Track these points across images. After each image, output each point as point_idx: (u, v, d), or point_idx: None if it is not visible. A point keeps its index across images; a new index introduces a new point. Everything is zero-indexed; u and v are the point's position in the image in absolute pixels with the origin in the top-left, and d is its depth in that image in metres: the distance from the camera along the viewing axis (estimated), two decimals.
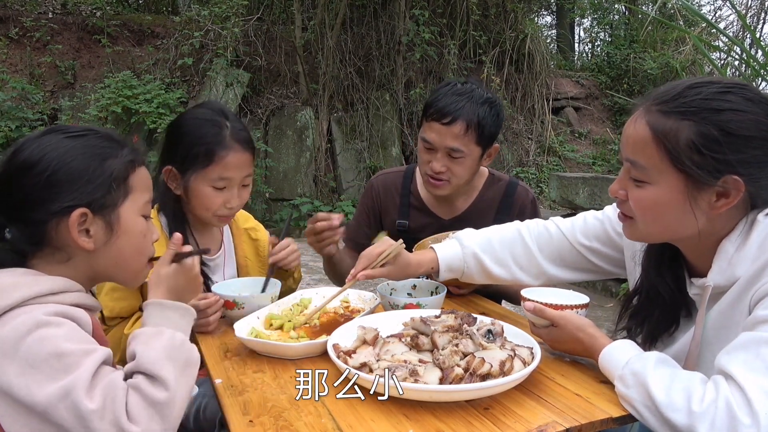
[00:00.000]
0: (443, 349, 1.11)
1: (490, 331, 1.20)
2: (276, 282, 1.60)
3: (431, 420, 0.99)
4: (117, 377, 0.87)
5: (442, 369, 1.07)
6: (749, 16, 9.78)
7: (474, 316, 1.27)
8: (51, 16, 7.90)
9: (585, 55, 12.11)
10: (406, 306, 1.49)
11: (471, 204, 1.98)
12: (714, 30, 7.70)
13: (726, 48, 5.05)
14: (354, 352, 1.17)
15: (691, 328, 1.16)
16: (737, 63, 4.19)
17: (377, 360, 1.12)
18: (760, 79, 3.00)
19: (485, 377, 1.04)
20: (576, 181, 5.08)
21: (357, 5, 8.08)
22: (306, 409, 1.04)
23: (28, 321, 0.86)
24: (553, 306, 1.24)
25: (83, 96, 6.97)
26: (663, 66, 9.07)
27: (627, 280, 1.40)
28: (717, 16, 11.70)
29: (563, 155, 8.84)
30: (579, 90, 9.84)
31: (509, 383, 1.05)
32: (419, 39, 7.70)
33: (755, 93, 1.04)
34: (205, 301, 1.39)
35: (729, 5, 11.26)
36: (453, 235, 1.58)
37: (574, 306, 1.25)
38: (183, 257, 1.13)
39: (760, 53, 3.72)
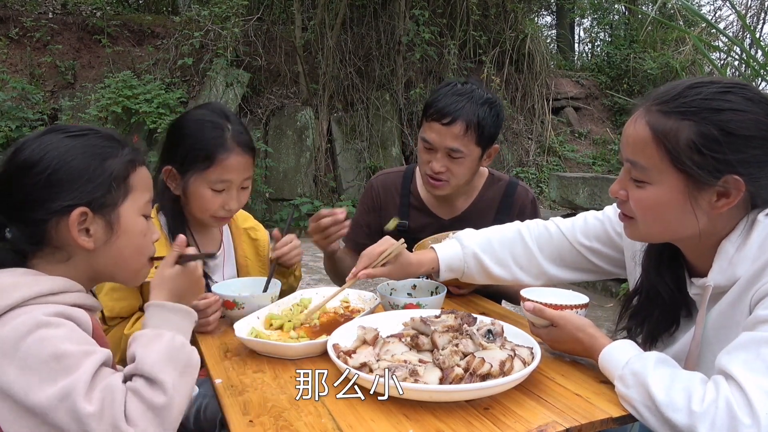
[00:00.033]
0: (443, 349, 1.11)
1: (490, 331, 1.20)
2: (276, 282, 1.60)
3: (431, 420, 0.99)
4: (116, 380, 0.87)
5: (442, 369, 1.07)
6: (749, 16, 9.79)
7: (474, 316, 1.27)
8: (51, 16, 7.90)
9: (585, 55, 12.12)
10: (406, 306, 1.49)
11: (471, 204, 1.98)
12: (714, 30, 7.70)
13: (726, 48, 5.05)
14: (354, 352, 1.17)
15: (692, 328, 1.16)
16: (737, 63, 4.19)
17: (377, 360, 1.12)
18: (760, 79, 3.00)
19: (485, 377, 1.04)
20: (576, 181, 5.08)
21: (357, 5, 8.08)
22: (306, 409, 1.03)
23: (28, 321, 0.86)
24: (553, 306, 1.24)
25: (83, 96, 6.97)
26: (663, 66, 9.07)
27: (627, 280, 1.40)
28: (717, 16, 11.72)
29: (563, 155, 8.84)
30: (579, 90, 9.85)
31: (509, 383, 1.05)
32: (419, 39, 7.70)
33: (755, 93, 1.04)
34: (205, 301, 1.39)
35: (729, 5, 11.27)
36: (453, 235, 1.58)
37: (573, 306, 1.25)
38: (187, 260, 1.12)
39: (760, 53, 3.72)
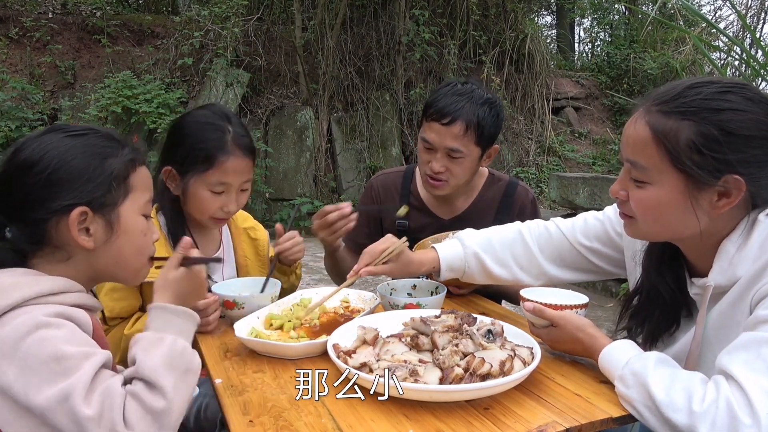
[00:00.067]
0: (443, 349, 1.11)
1: (490, 331, 1.19)
2: (276, 282, 1.60)
3: (431, 420, 0.99)
4: (115, 383, 0.87)
5: (442, 369, 1.07)
6: (749, 16, 9.79)
7: (474, 316, 1.27)
8: (51, 16, 7.90)
9: (585, 55, 12.12)
10: (406, 306, 1.49)
11: (471, 204, 1.98)
12: (714, 30, 7.70)
13: (726, 48, 5.05)
14: (354, 352, 1.17)
15: (692, 328, 1.16)
16: (737, 63, 4.19)
17: (377, 360, 1.12)
18: (760, 79, 3.00)
19: (485, 377, 1.04)
20: (576, 181, 5.08)
21: (357, 5, 8.08)
22: (306, 409, 1.03)
23: (28, 322, 0.86)
24: (553, 306, 1.24)
25: (83, 96, 6.97)
26: (663, 66, 9.07)
27: (627, 280, 1.40)
28: (717, 16, 11.72)
29: (563, 155, 8.84)
30: (579, 90, 9.85)
31: (509, 383, 1.05)
32: (419, 39, 7.70)
33: (755, 92, 1.04)
34: (204, 301, 1.39)
35: (729, 5, 11.27)
36: (454, 235, 1.59)
37: (573, 306, 1.25)
38: (192, 263, 1.12)
39: (760, 53, 3.72)
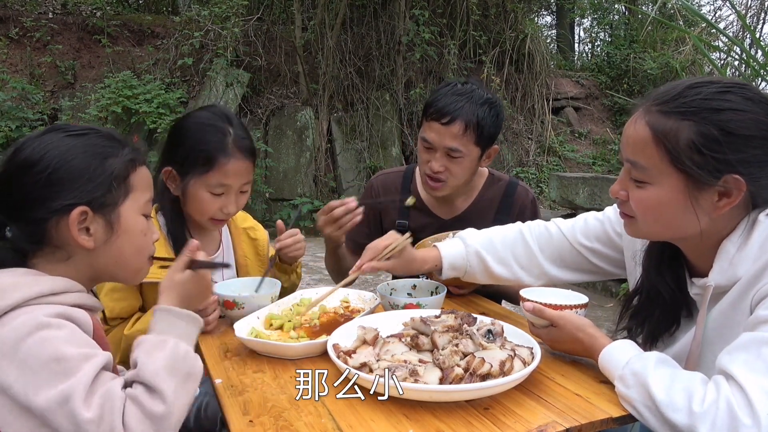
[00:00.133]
0: (443, 349, 1.11)
1: (490, 331, 1.19)
2: (276, 282, 1.60)
3: (431, 420, 0.99)
4: (116, 386, 0.86)
5: (442, 369, 1.07)
6: (749, 16, 9.78)
7: (474, 316, 1.27)
8: (51, 16, 7.90)
9: (585, 55, 12.12)
10: (406, 306, 1.49)
11: (471, 204, 1.98)
12: (714, 30, 7.70)
13: (726, 48, 5.05)
14: (354, 352, 1.17)
15: (692, 328, 1.16)
16: (737, 63, 4.19)
17: (377, 360, 1.12)
18: (760, 79, 3.00)
19: (485, 377, 1.04)
20: (576, 181, 5.08)
21: (357, 5, 8.08)
22: (306, 409, 1.03)
23: (28, 322, 0.86)
24: (553, 306, 1.24)
25: (83, 96, 6.98)
26: (663, 66, 9.07)
27: (627, 280, 1.40)
28: (717, 16, 11.72)
29: (563, 155, 8.84)
30: (579, 90, 9.84)
31: (509, 383, 1.05)
32: (419, 39, 7.70)
33: (755, 92, 1.04)
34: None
35: (729, 5, 11.27)
36: (456, 235, 1.59)
37: (573, 306, 1.25)
38: (199, 266, 1.11)
39: (760, 53, 3.72)
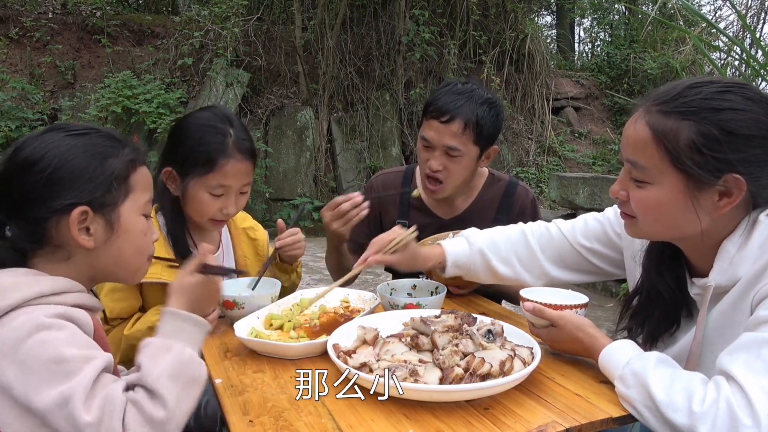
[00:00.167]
0: (443, 349, 1.11)
1: (490, 331, 1.19)
2: (276, 282, 1.60)
3: (431, 420, 0.99)
4: (116, 389, 0.86)
5: (442, 369, 1.07)
6: (749, 16, 9.78)
7: (474, 316, 1.27)
8: (51, 16, 7.90)
9: (585, 55, 12.12)
10: (406, 306, 1.49)
11: (471, 204, 1.98)
12: (714, 30, 7.70)
13: (726, 48, 5.05)
14: (354, 352, 1.17)
15: (692, 328, 1.16)
16: (737, 63, 4.19)
17: (377, 360, 1.12)
18: (760, 79, 3.00)
19: (485, 377, 1.04)
20: (576, 181, 5.08)
21: (357, 5, 8.08)
22: (306, 409, 1.03)
23: (28, 323, 0.86)
24: (553, 306, 1.24)
25: (83, 96, 6.98)
26: (663, 66, 9.07)
27: (627, 280, 1.40)
28: (717, 16, 11.72)
29: (563, 155, 8.84)
30: (579, 90, 9.84)
31: (509, 383, 1.05)
32: (419, 39, 7.70)
33: (755, 92, 1.04)
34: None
35: (729, 5, 11.27)
36: (459, 234, 1.60)
37: (573, 306, 1.25)
38: (210, 272, 1.11)
39: (760, 53, 3.72)
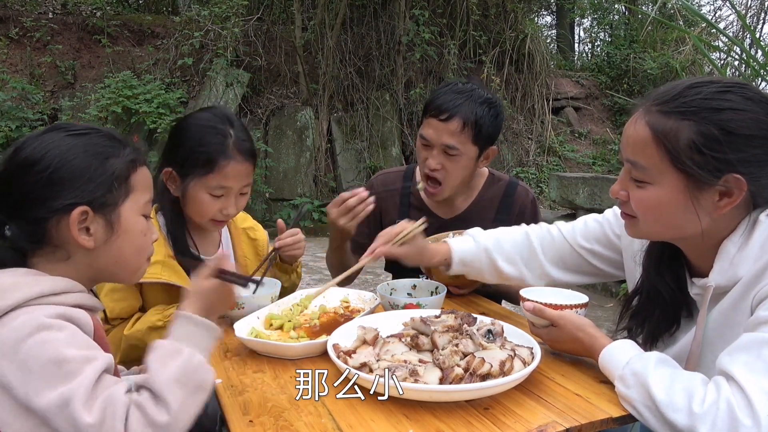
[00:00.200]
0: (443, 349, 1.11)
1: (490, 331, 1.20)
2: (276, 282, 1.60)
3: (431, 420, 0.99)
4: (118, 391, 0.86)
5: (442, 369, 1.07)
6: (749, 16, 9.78)
7: (474, 316, 1.27)
8: (51, 16, 7.91)
9: (585, 55, 12.12)
10: (406, 306, 1.49)
11: (471, 203, 1.98)
12: (714, 30, 7.70)
13: (726, 48, 5.05)
14: (354, 352, 1.17)
15: (692, 328, 1.16)
16: (737, 63, 4.19)
17: (377, 360, 1.12)
18: (759, 79, 3.00)
19: (485, 377, 1.04)
20: (576, 181, 5.08)
21: (357, 5, 8.08)
22: (306, 409, 1.04)
23: (28, 323, 0.85)
24: (553, 306, 1.24)
25: (83, 96, 6.98)
26: (663, 66, 9.07)
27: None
28: (717, 16, 11.72)
29: (563, 155, 8.84)
30: (579, 90, 9.85)
31: (509, 383, 1.05)
32: (419, 39, 7.71)
33: (755, 92, 1.04)
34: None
35: (729, 5, 11.27)
36: (465, 233, 1.60)
37: (573, 306, 1.25)
38: (226, 279, 1.10)
39: (760, 53, 3.72)
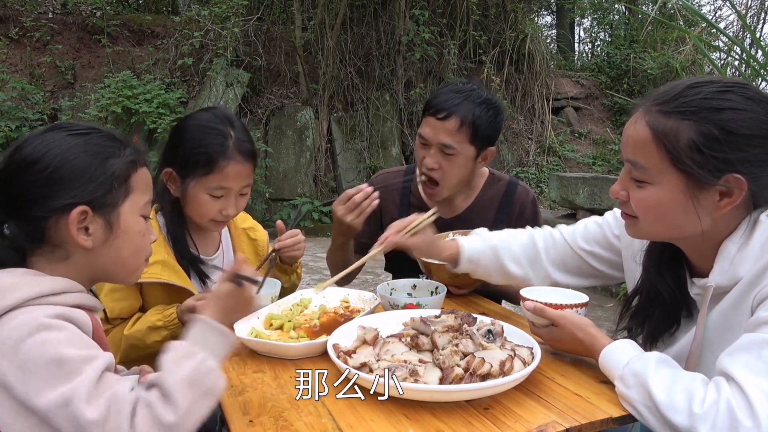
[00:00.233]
0: (443, 349, 1.11)
1: (490, 331, 1.20)
2: (276, 282, 1.60)
3: (431, 420, 0.99)
4: (122, 389, 0.85)
5: (442, 369, 1.07)
6: (749, 16, 9.79)
7: (474, 316, 1.27)
8: (51, 16, 7.91)
9: (585, 55, 12.13)
10: (406, 306, 1.49)
11: (471, 203, 1.98)
12: (714, 30, 7.71)
13: (726, 48, 5.05)
14: (354, 352, 1.17)
15: (692, 328, 1.15)
16: (737, 63, 4.19)
17: (377, 360, 1.12)
18: (760, 79, 3.00)
19: (485, 377, 1.04)
20: (576, 181, 5.08)
21: (357, 5, 8.08)
22: (306, 409, 1.04)
23: (28, 323, 0.85)
24: (553, 305, 1.24)
25: (83, 96, 6.98)
26: (663, 66, 9.08)
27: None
28: (717, 16, 11.73)
29: (563, 155, 8.84)
30: (579, 90, 9.85)
31: (509, 383, 1.05)
32: (419, 39, 7.71)
33: (755, 92, 1.04)
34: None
35: (729, 5, 11.27)
36: (473, 232, 1.62)
37: (573, 305, 1.25)
38: (243, 280, 1.10)
39: (760, 53, 3.72)
